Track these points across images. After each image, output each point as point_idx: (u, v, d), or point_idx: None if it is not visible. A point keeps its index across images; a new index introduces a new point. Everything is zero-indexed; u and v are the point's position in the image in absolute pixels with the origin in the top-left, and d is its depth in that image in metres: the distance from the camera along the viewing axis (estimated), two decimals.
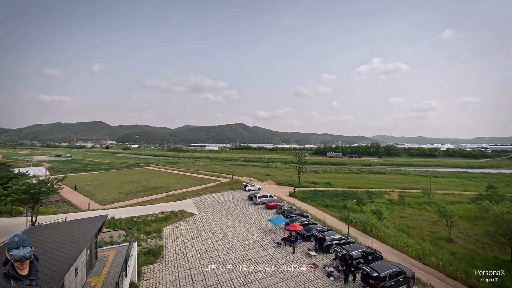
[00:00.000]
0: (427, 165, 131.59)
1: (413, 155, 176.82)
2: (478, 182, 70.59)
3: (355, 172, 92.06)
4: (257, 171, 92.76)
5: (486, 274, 17.99)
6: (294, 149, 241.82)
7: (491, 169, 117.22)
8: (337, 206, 41.22)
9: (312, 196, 48.56)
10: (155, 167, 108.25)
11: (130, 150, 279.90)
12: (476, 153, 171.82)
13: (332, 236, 24.91)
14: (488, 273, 18.03)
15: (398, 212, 39.13)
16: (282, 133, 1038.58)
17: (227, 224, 32.36)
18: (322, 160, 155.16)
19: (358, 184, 63.98)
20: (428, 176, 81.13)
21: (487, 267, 21.21)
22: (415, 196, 49.21)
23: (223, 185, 61.73)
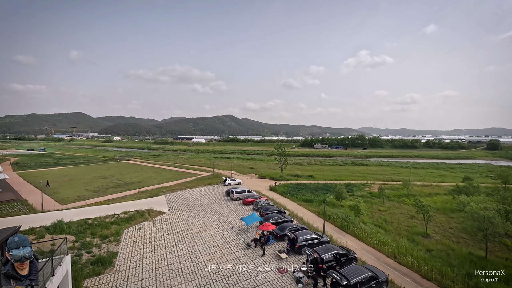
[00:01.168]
0: (408, 156, 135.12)
1: (396, 146, 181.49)
2: (455, 173, 72.46)
3: (339, 164, 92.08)
4: (241, 164, 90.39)
5: (486, 274, 17.29)
6: (282, 141, 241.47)
7: (467, 160, 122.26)
8: (317, 200, 39.82)
9: (292, 190, 46.96)
10: (134, 160, 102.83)
11: (112, 142, 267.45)
12: (454, 145, 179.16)
13: (305, 236, 23.10)
14: (488, 273, 17.33)
15: (377, 205, 38.36)
16: (272, 125, 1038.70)
17: (197, 224, 29.84)
18: (309, 152, 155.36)
19: (341, 177, 63.38)
20: (408, 168, 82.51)
21: (462, 265, 20.32)
22: (395, 188, 49.01)
23: (203, 179, 58.84)
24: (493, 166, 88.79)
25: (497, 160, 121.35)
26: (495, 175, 64.85)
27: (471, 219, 21.13)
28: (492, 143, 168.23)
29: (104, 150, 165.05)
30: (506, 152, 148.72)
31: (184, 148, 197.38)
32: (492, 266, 20.10)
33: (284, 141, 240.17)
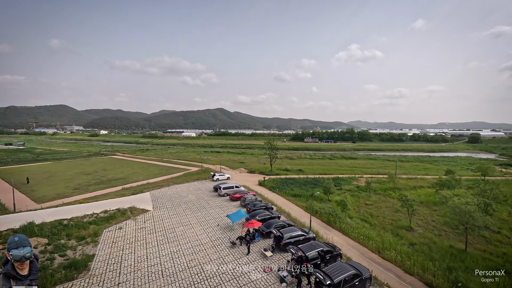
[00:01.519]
0: (395, 149, 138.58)
1: (383, 140, 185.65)
2: (438, 166, 74.81)
3: (328, 157, 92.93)
4: (231, 159, 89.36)
5: (486, 274, 17.22)
6: (273, 135, 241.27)
7: (449, 153, 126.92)
8: (305, 195, 39.70)
9: (281, 185, 46.68)
10: (120, 155, 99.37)
11: (98, 136, 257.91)
12: (438, 138, 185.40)
13: (291, 233, 22.72)
14: (488, 273, 17.27)
15: (364, 199, 38.74)
16: (263, 119, 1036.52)
17: (182, 222, 28.87)
18: (299, 146, 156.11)
19: (330, 170, 63.84)
20: (395, 161, 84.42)
21: (443, 258, 20.65)
22: (382, 181, 49.80)
23: (191, 174, 57.53)
24: (473, 159, 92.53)
25: (477, 153, 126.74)
26: (475, 168, 67.51)
27: (453, 213, 21.41)
28: (473, 136, 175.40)
29: (89, 145, 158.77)
30: (485, 145, 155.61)
31: (174, 142, 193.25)
32: (471, 259, 20.60)
33: (275, 134, 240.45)
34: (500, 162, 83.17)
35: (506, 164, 78.91)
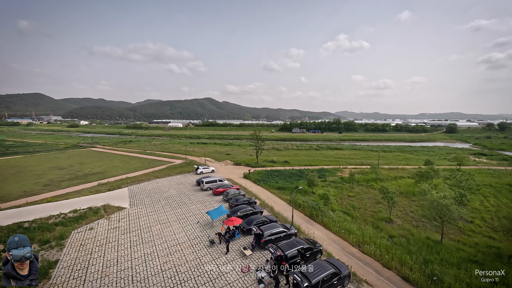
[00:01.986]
0: (379, 139, 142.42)
1: (368, 130, 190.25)
2: (418, 156, 77.44)
3: (315, 148, 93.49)
4: (218, 150, 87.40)
5: (486, 274, 17.15)
6: (262, 125, 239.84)
7: (429, 142, 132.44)
8: (289, 188, 39.24)
9: (266, 177, 45.95)
10: (100, 148, 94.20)
11: (78, 127, 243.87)
12: (419, 128, 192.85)
13: (272, 229, 21.96)
14: (488, 273, 17.19)
15: (347, 191, 38.92)
16: (252, 109, 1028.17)
17: (160, 219, 27.33)
18: (287, 136, 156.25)
19: (315, 162, 63.98)
20: (378, 152, 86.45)
21: (420, 251, 20.86)
22: (365, 172, 50.44)
23: (174, 168, 55.36)
24: (450, 149, 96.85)
25: (454, 143, 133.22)
26: (451, 158, 70.51)
27: (431, 206, 21.52)
28: (450, 126, 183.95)
29: (67, 136, 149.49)
30: (461, 135, 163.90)
31: (160, 133, 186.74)
32: (446, 251, 20.98)
33: (264, 125, 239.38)
34: (474, 152, 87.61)
35: (479, 153, 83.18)
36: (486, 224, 27.23)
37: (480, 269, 17.99)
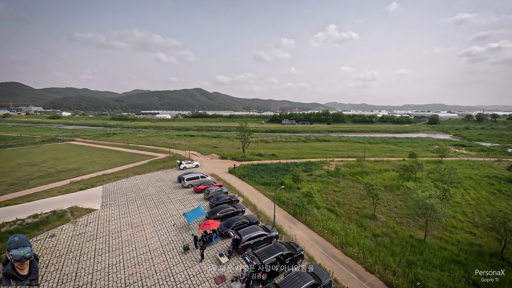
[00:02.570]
0: (365, 130, 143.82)
1: (356, 121, 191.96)
2: (402, 148, 78.18)
3: (303, 140, 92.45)
4: (205, 143, 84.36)
5: (486, 274, 16.72)
6: (252, 116, 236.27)
7: (413, 134, 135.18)
8: (275, 183, 37.69)
9: (252, 172, 44.12)
10: (80, 141, 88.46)
11: (60, 119, 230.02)
12: (403, 119, 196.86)
13: (251, 233, 20.24)
14: (488, 273, 16.75)
15: (333, 185, 37.91)
16: (243, 100, 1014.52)
17: (132, 223, 24.97)
18: (277, 128, 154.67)
19: (303, 154, 62.79)
20: (364, 143, 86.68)
21: (403, 251, 19.95)
22: (351, 165, 49.72)
23: (156, 163, 52.32)
24: (432, 140, 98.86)
25: (435, 133, 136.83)
26: (434, 150, 71.63)
27: (416, 206, 20.48)
28: (432, 118, 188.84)
29: (45, 129, 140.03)
30: (442, 126, 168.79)
31: (147, 124, 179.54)
32: (429, 250, 20.20)
33: (254, 116, 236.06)
34: (454, 143, 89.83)
35: (459, 144, 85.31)
36: (468, 219, 26.96)
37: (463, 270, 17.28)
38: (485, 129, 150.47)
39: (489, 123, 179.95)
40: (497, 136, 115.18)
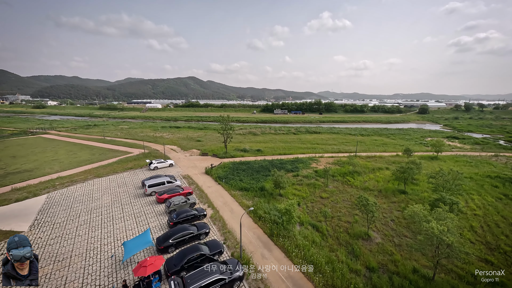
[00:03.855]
0: (357, 121, 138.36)
1: (347, 111, 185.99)
2: (395, 140, 73.10)
3: (293, 132, 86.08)
4: (189, 136, 77.02)
5: (486, 274, 15.91)
6: (244, 106, 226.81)
7: (403, 124, 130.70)
8: (254, 188, 31.68)
9: (231, 173, 37.93)
10: (54, 134, 79.51)
11: (44, 108, 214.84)
12: (394, 109, 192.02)
13: (205, 278, 14.27)
14: (488, 273, 15.92)
15: (321, 189, 32.23)
16: (238, 88, 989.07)
17: (59, 253, 18.63)
18: (268, 118, 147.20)
19: (291, 149, 56.72)
20: (356, 135, 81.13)
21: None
22: (341, 163, 44.09)
23: (126, 161, 45.35)
24: (424, 131, 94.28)
25: (425, 124, 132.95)
26: (427, 143, 66.82)
27: (429, 242, 14.77)
28: (422, 108, 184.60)
29: (24, 120, 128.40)
30: (432, 116, 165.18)
31: (135, 114, 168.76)
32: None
33: (246, 105, 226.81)
34: (447, 134, 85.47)
35: (452, 136, 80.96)
36: (478, 237, 21.85)
37: None
38: (474, 119, 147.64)
39: (477, 113, 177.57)
40: (486, 126, 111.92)
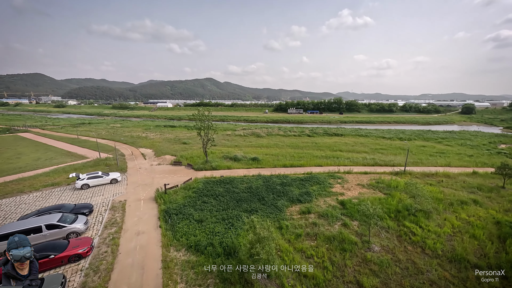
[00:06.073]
0: (386, 121, 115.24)
1: (373, 110, 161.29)
2: (451, 146, 51.88)
3: (307, 134, 68.00)
4: (178, 136, 63.03)
5: (486, 274, 13.29)
6: (255, 105, 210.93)
7: (447, 125, 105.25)
8: (217, 249, 15.39)
9: (195, 201, 22.06)
10: (34, 132, 70.59)
11: (64, 108, 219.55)
12: (430, 109, 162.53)
13: None
14: (488, 273, 13.29)
15: (356, 257, 14.95)
16: (254, 89, 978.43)
17: None
18: (280, 118, 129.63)
19: (301, 158, 39.44)
20: (392, 138, 60.68)
21: None
22: (386, 187, 25.98)
23: (64, 171, 31.83)
24: (488, 135, 70.26)
25: (478, 125, 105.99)
26: (505, 149, 45.22)
27: None
28: (467, 107, 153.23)
29: (26, 117, 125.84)
30: (481, 117, 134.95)
31: (142, 113, 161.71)
32: None
33: (258, 104, 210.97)
34: None
35: None
36: None
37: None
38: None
39: None
40: None
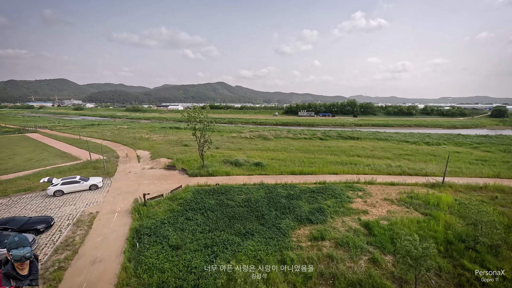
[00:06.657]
0: (406, 125, 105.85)
1: (390, 113, 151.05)
2: (493, 153, 43.85)
3: (319, 137, 62.10)
4: (180, 138, 59.77)
5: (486, 274, 12.83)
6: (265, 108, 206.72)
7: (476, 129, 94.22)
8: None
9: (177, 217, 17.62)
10: (42, 133, 70.69)
11: (82, 110, 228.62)
12: (455, 112, 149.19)
13: None
14: (488, 273, 12.87)
15: None
16: (265, 93, 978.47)
17: None
18: (290, 120, 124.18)
19: (312, 163, 34.01)
20: (417, 143, 53.19)
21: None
22: (422, 203, 20.06)
23: (47, 174, 28.84)
24: None
25: (506, 129, 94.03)
26: None
27: None
28: (498, 109, 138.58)
29: (42, 119, 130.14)
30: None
31: (152, 116, 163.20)
32: None
33: (268, 107, 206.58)
34: None
35: None
36: None
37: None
38: None
39: None
40: None
